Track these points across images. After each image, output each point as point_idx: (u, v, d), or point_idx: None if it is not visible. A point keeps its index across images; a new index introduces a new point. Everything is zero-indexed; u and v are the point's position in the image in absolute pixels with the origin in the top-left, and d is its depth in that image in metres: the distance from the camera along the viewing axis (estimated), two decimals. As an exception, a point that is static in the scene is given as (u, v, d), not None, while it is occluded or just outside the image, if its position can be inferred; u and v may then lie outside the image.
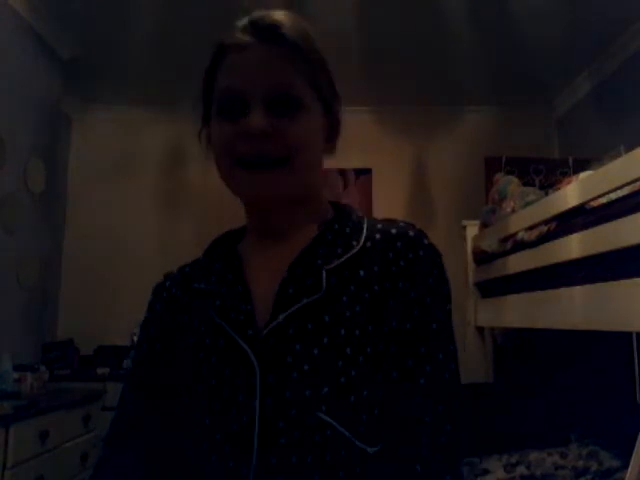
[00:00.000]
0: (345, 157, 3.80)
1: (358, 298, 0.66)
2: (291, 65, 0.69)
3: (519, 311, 2.43)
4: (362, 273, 0.68)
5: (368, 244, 0.70)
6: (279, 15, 0.71)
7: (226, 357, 0.67)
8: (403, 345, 0.65)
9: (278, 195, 0.69)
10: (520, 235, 2.38)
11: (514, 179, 2.88)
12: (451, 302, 0.70)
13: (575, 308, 1.89)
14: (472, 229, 3.04)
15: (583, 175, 2.21)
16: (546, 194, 2.44)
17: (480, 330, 3.02)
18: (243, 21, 0.71)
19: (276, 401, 0.63)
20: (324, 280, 0.67)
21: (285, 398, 0.62)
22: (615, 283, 1.64)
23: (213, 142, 0.72)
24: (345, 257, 0.69)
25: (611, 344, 2.44)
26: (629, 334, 2.30)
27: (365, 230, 0.72)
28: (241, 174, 0.68)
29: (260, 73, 0.68)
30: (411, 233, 0.70)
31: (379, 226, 0.72)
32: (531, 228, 2.29)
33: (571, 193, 2.00)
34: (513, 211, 2.59)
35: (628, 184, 1.65)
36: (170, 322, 0.76)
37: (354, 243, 0.70)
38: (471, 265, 3.01)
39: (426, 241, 0.70)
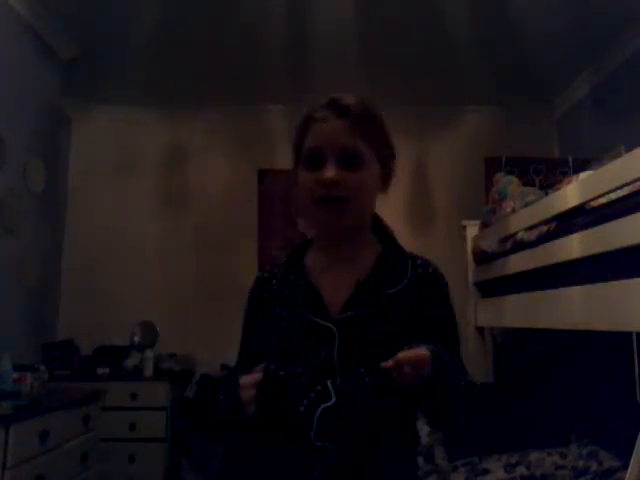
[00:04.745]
0: (345, 157, 3.79)
1: (402, 311, 1.01)
2: (356, 134, 1.01)
3: (519, 311, 2.42)
4: (407, 295, 1.02)
5: (412, 274, 1.05)
6: (351, 98, 1.04)
7: (310, 333, 0.99)
8: (440, 335, 1.03)
9: (342, 224, 1.02)
10: (520, 235, 2.38)
11: (514, 179, 2.88)
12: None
13: (575, 308, 1.89)
14: (472, 229, 3.04)
15: (583, 175, 2.21)
16: (546, 194, 2.44)
17: (480, 330, 3.02)
18: (325, 100, 1.04)
19: (350, 354, 0.97)
20: (384, 299, 1.01)
21: (355, 352, 0.97)
22: (615, 283, 1.64)
23: (299, 186, 1.04)
24: (398, 287, 1.02)
25: (611, 344, 2.44)
26: (629, 334, 2.30)
27: (410, 265, 1.06)
28: (319, 209, 1.01)
29: (334, 138, 1.00)
30: (440, 275, 1.08)
31: (418, 262, 1.07)
32: (531, 228, 2.29)
33: (571, 193, 2.00)
34: (513, 211, 2.59)
35: (628, 184, 1.65)
36: (267, 308, 1.08)
37: (404, 277, 1.04)
38: (471, 265, 3.01)
39: (445, 280, 1.09)
